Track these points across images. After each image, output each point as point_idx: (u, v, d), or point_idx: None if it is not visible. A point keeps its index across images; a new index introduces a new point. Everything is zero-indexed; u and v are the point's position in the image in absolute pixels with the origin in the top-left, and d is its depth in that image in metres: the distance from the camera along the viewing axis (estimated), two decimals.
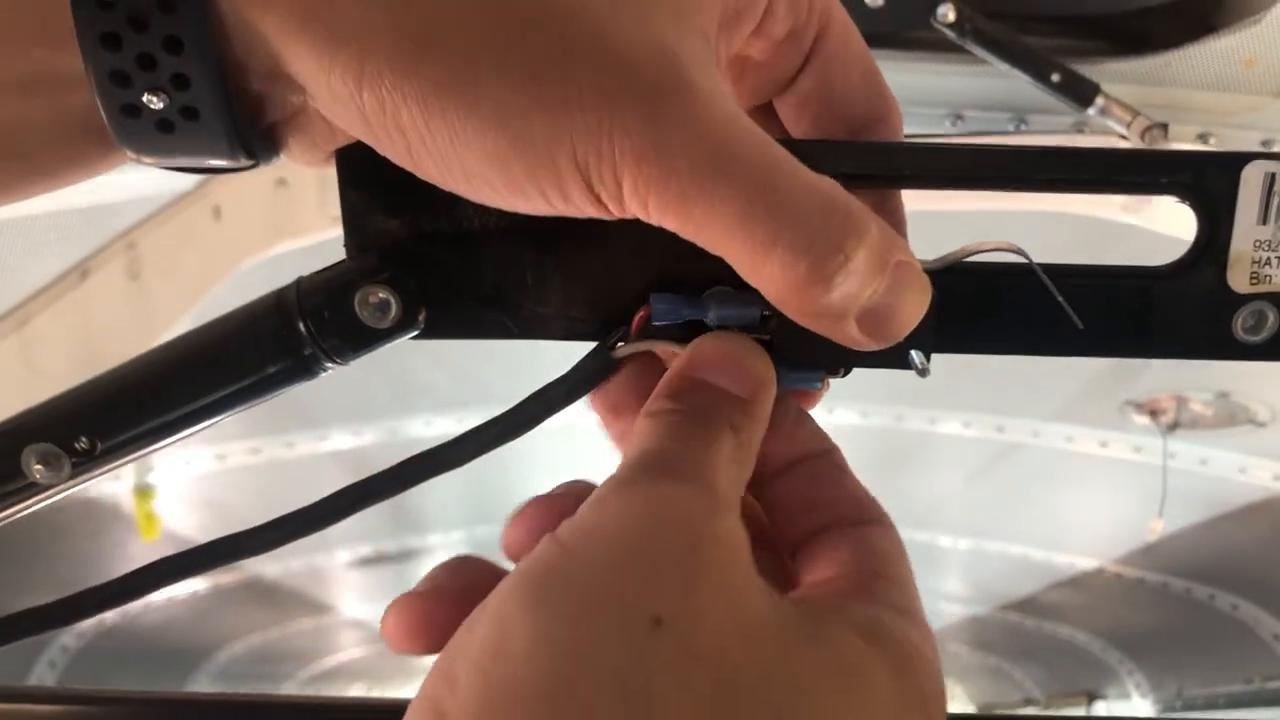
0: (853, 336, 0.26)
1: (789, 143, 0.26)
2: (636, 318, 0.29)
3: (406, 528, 2.43)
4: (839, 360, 0.29)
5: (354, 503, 0.30)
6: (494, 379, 1.53)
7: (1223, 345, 0.30)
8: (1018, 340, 0.30)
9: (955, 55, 0.96)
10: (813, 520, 0.29)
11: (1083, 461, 1.88)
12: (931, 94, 1.01)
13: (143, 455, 0.30)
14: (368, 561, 2.58)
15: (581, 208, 0.25)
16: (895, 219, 0.31)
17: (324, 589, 2.84)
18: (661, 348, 0.29)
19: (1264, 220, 0.29)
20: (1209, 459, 1.76)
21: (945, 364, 0.30)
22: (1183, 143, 0.95)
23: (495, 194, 0.25)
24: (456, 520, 2.42)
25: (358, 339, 0.29)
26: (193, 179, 0.87)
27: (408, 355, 1.34)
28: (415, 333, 0.30)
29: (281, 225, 0.84)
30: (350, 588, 2.86)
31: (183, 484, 1.89)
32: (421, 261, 0.29)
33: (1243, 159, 0.28)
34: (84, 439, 0.29)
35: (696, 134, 0.23)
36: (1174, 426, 1.64)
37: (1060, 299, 0.28)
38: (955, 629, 3.37)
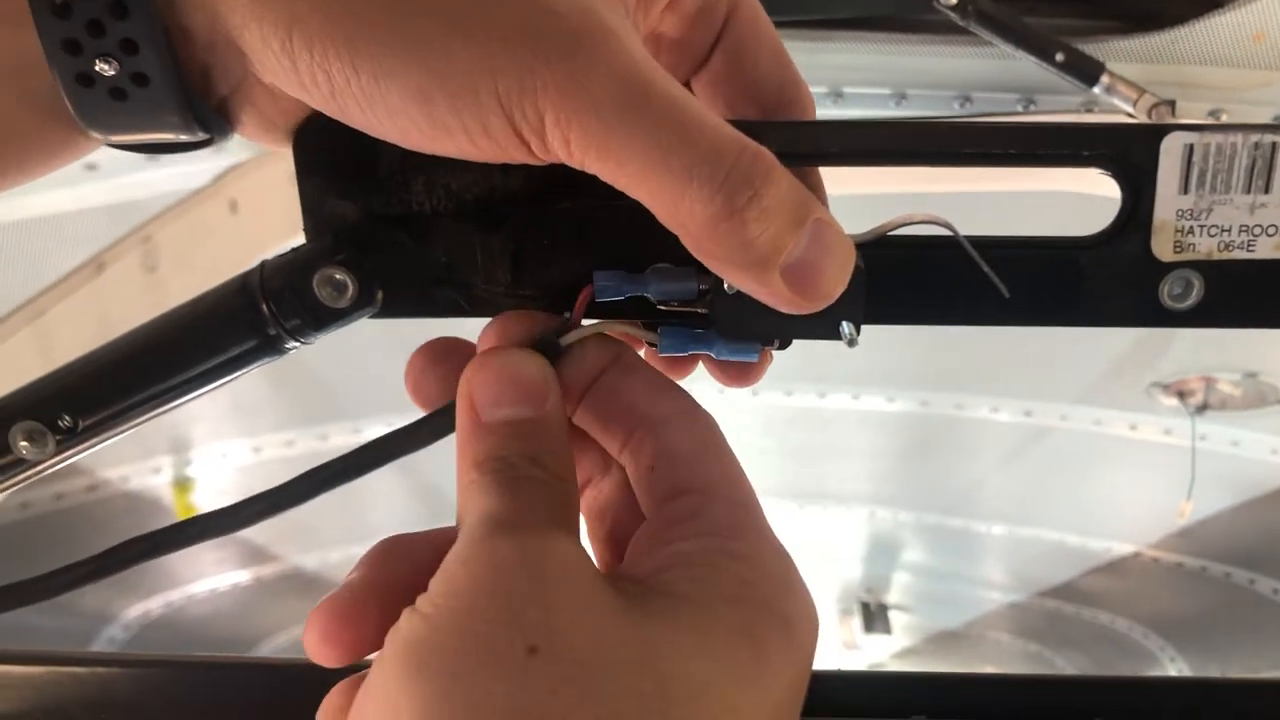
0: (781, 292, 0.27)
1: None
2: (581, 295, 0.30)
3: (444, 515, 2.46)
4: (774, 331, 0.30)
5: (316, 486, 0.31)
6: None
7: (1152, 312, 0.31)
8: (948, 310, 0.31)
9: (960, 37, 0.96)
10: (620, 432, 0.31)
11: (1113, 444, 1.86)
12: (938, 77, 1.01)
13: (123, 431, 0.32)
14: None
15: (505, 146, 0.26)
16: (817, 196, 0.32)
17: None
18: (609, 327, 0.31)
19: (1185, 190, 0.29)
20: (1241, 440, 1.73)
21: (966, 347, 0.31)
22: (1193, 119, 0.95)
23: (420, 133, 0.26)
24: None
25: (318, 318, 0.31)
26: (210, 174, 0.89)
27: None
28: (373, 311, 0.31)
29: (297, 218, 0.86)
30: None
31: (221, 476, 1.93)
32: (376, 243, 0.31)
33: (1162, 130, 0.29)
34: (66, 417, 0.31)
35: (615, 71, 0.25)
36: (1203, 408, 1.62)
37: (986, 268, 0.29)
38: (995, 616, 3.35)
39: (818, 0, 0.95)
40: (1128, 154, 0.30)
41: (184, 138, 0.28)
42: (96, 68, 0.26)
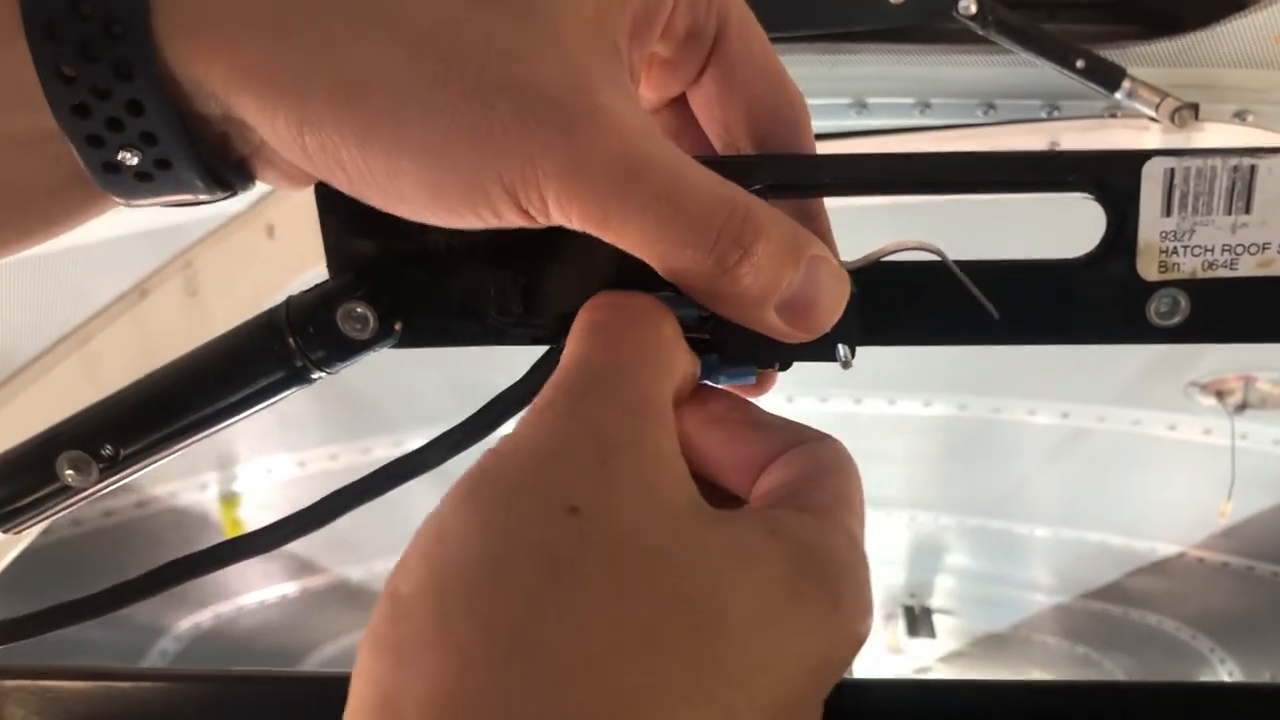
0: (776, 326, 0.29)
1: (714, 160, 0.29)
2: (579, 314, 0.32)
3: None
4: (772, 355, 0.31)
5: (334, 510, 0.33)
6: None
7: (1140, 330, 0.32)
8: (939, 331, 0.32)
9: (983, 46, 0.96)
10: (761, 459, 0.30)
11: (1152, 445, 1.84)
12: (962, 85, 1.02)
13: (162, 459, 0.34)
14: None
15: (512, 221, 0.27)
16: (818, 223, 0.33)
17: None
18: None
19: (1168, 212, 0.30)
20: None
21: (1002, 350, 0.32)
22: (1218, 122, 0.94)
23: (432, 215, 0.28)
24: None
25: (342, 350, 0.32)
26: (246, 201, 0.92)
27: (473, 363, 1.38)
28: (393, 342, 0.33)
29: None
30: None
31: (266, 490, 1.96)
32: (395, 279, 0.32)
33: (1144, 156, 0.30)
34: (109, 446, 0.33)
35: (611, 151, 0.26)
36: (1242, 407, 1.61)
37: (974, 290, 0.31)
38: (1040, 619, 3.32)
39: (840, 13, 0.96)
40: (1111, 179, 0.31)
41: (205, 198, 0.29)
42: (120, 157, 0.27)
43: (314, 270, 0.95)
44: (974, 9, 0.90)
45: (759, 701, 0.24)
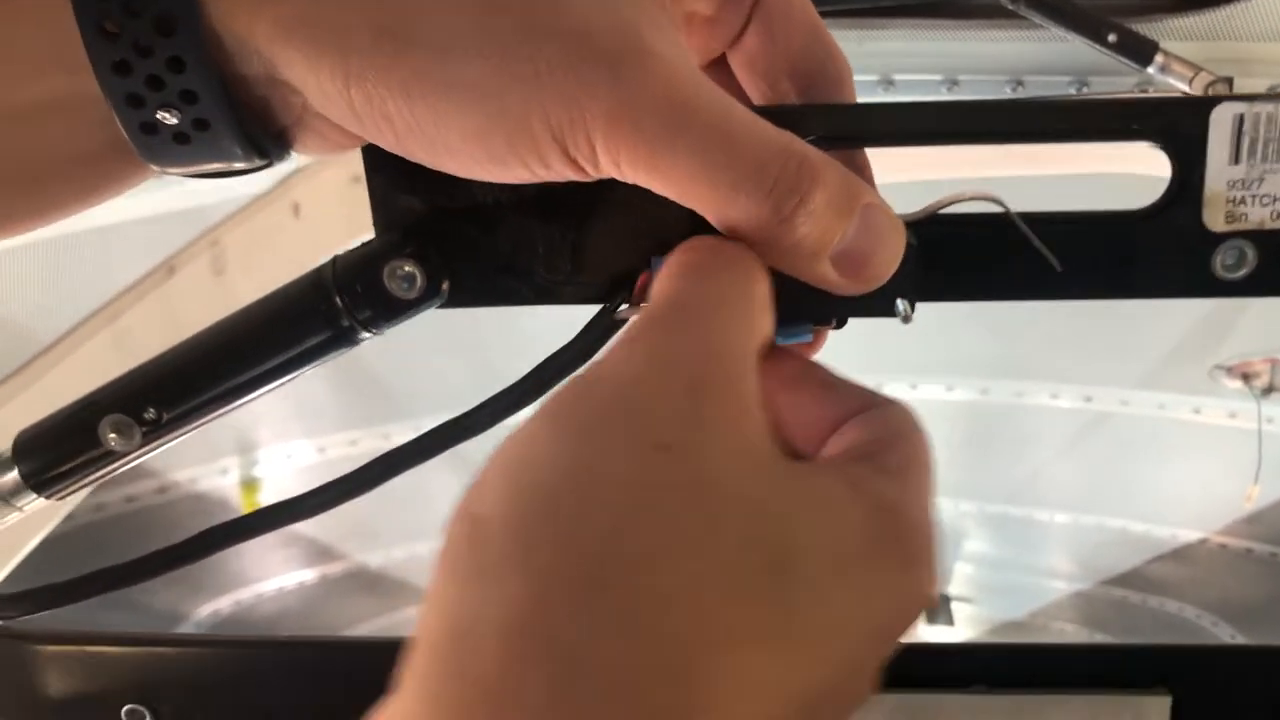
0: (831, 279, 0.28)
1: (764, 111, 0.28)
2: (639, 281, 0.31)
3: None
4: (828, 311, 0.31)
5: (383, 472, 0.33)
6: None
7: (1204, 283, 0.31)
8: (1002, 285, 0.32)
9: (1011, 21, 0.96)
10: (831, 420, 0.30)
11: (1177, 429, 1.84)
12: (990, 61, 1.01)
13: (204, 423, 0.34)
14: None
15: (561, 172, 0.27)
16: (864, 176, 0.32)
17: (426, 577, 2.92)
18: None
19: (1236, 160, 0.30)
20: None
21: (1025, 333, 0.31)
22: None
23: (479, 167, 0.27)
24: None
25: (389, 309, 0.32)
26: (272, 178, 0.92)
27: (491, 347, 1.38)
28: (440, 302, 0.33)
29: (358, 219, 0.89)
30: None
31: (286, 476, 1.97)
32: (442, 236, 0.32)
33: (1212, 101, 0.29)
34: (151, 410, 0.33)
35: (658, 93, 0.26)
36: (1269, 390, 1.60)
37: (1037, 243, 0.30)
38: (1059, 606, 3.32)
39: None
40: (1177, 126, 0.30)
41: (242, 166, 0.29)
42: (159, 117, 0.27)
43: (339, 249, 0.96)
44: None
45: (825, 654, 0.23)
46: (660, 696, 0.20)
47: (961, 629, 3.48)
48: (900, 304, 0.30)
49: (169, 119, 0.27)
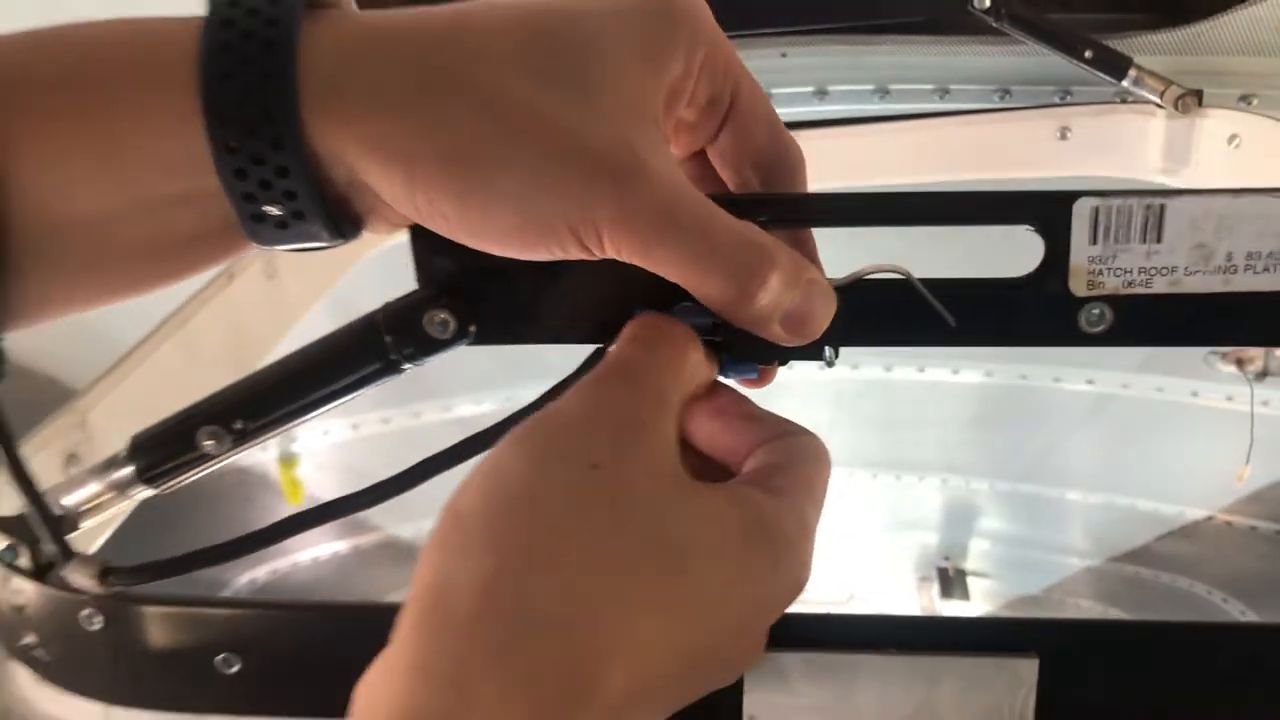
0: (779, 334, 0.37)
1: (725, 198, 0.36)
2: (626, 327, 0.39)
3: None
4: (772, 355, 0.39)
5: (422, 475, 0.41)
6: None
7: (1072, 336, 0.39)
8: (908, 335, 0.39)
9: (998, 36, 1.02)
10: (749, 445, 0.38)
11: (1176, 411, 1.88)
12: (979, 73, 1.07)
13: (282, 432, 0.42)
14: None
15: (574, 254, 0.35)
16: (807, 247, 0.40)
17: None
18: None
19: (1094, 241, 0.37)
20: None
21: None
22: (1223, 108, 0.99)
23: (513, 250, 0.35)
24: None
25: (427, 347, 0.40)
26: None
27: None
28: (469, 341, 0.41)
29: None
30: None
31: (322, 452, 2.05)
32: (471, 291, 0.40)
33: (1073, 196, 0.37)
34: (239, 421, 0.41)
35: (652, 201, 0.34)
36: (1263, 374, 1.65)
37: (935, 303, 0.38)
38: (1073, 581, 3.34)
39: (864, 7, 1.02)
40: (1051, 215, 0.37)
41: (325, 244, 0.37)
42: (265, 209, 0.34)
43: (376, 252, 1.03)
44: (988, 2, 0.95)
45: (705, 623, 0.32)
46: (580, 635, 0.29)
47: (978, 603, 3.52)
48: (827, 350, 0.38)
49: (274, 211, 0.34)
